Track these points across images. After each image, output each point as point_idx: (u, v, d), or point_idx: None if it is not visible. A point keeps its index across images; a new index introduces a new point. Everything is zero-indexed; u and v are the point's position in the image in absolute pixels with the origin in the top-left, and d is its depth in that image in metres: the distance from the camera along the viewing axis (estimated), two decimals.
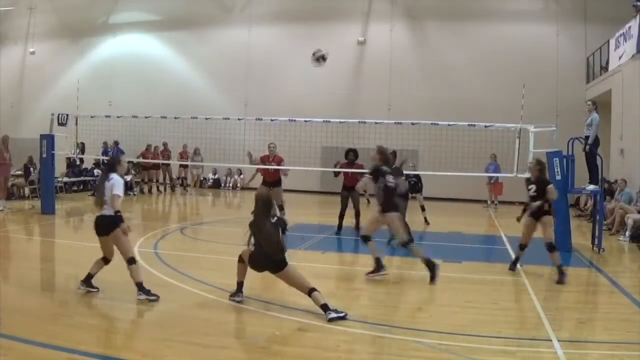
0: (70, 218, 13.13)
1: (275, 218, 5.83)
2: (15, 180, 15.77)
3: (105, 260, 6.19)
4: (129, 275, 5.90)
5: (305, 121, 12.77)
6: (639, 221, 11.26)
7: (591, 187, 10.28)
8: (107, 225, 5.95)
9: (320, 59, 10.80)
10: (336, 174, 11.56)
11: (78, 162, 18.70)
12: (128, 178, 18.89)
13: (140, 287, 5.94)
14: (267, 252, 5.68)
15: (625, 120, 14.86)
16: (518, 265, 8.06)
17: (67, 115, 13.28)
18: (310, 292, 5.58)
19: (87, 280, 6.17)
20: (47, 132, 12.98)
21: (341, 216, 11.16)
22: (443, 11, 20.56)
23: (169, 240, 10.12)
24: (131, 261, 5.97)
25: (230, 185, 22.23)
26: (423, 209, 13.31)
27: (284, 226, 5.84)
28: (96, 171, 18.89)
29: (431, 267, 7.18)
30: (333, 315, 5.44)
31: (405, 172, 10.76)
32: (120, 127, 15.32)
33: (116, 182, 6.04)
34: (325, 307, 5.50)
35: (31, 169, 15.96)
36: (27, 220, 12.16)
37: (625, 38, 14.97)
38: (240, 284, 6.04)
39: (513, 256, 8.38)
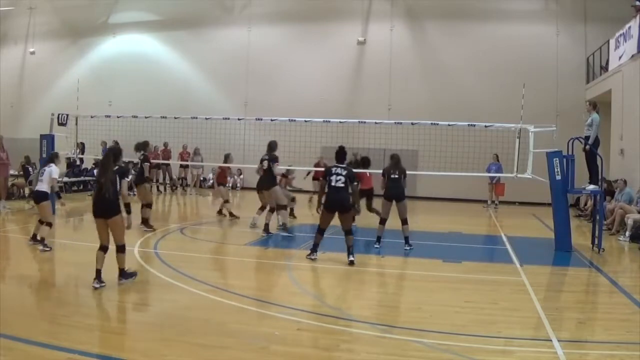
0: (70, 218, 13.11)
1: (118, 167, 6.76)
2: (15, 180, 15.76)
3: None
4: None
5: (305, 121, 12.76)
6: (639, 221, 11.27)
7: (591, 187, 10.27)
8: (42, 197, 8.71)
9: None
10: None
11: (78, 162, 18.68)
12: (128, 178, 18.86)
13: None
14: (105, 197, 6.40)
15: (625, 120, 14.84)
16: None
17: (67, 115, 13.26)
18: (121, 248, 6.48)
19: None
20: (47, 132, 12.96)
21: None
22: (443, 11, 20.56)
23: (169, 240, 10.13)
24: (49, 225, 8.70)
25: (230, 185, 22.15)
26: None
27: (126, 172, 6.96)
28: (96, 171, 18.88)
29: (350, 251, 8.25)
30: (124, 280, 6.49)
31: None
32: (120, 127, 15.29)
33: (54, 170, 8.80)
34: (122, 271, 6.50)
35: (30, 169, 15.94)
36: (27, 220, 12.13)
37: (625, 38, 14.96)
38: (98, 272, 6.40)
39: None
